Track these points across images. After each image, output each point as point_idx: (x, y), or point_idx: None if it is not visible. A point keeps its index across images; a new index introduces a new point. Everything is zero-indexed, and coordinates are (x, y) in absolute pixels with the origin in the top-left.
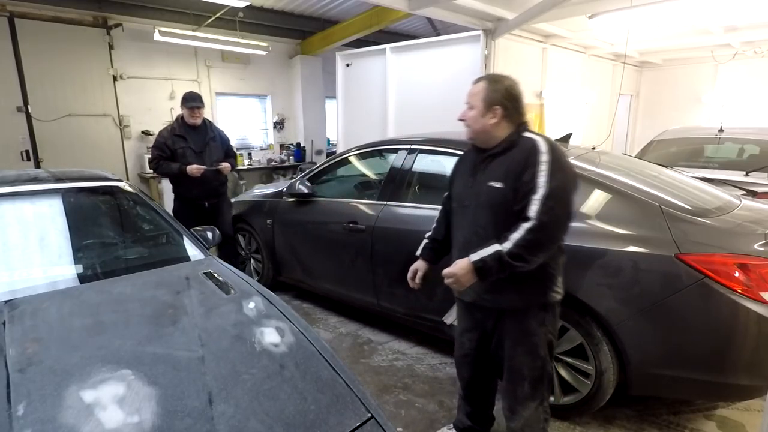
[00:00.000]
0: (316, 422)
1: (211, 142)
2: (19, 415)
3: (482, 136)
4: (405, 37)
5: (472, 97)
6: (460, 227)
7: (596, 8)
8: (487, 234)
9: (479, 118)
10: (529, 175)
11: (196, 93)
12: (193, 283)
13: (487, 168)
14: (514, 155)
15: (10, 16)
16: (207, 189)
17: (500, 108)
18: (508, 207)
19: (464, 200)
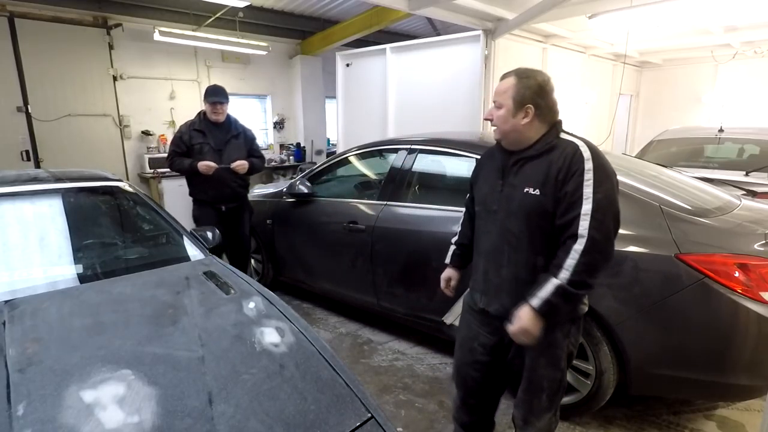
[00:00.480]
0: (316, 422)
1: (233, 139)
2: (19, 415)
3: (512, 136)
4: (405, 37)
5: (501, 94)
6: (486, 233)
7: (596, 8)
8: (520, 243)
9: (509, 118)
10: (573, 185)
11: (220, 87)
12: (193, 283)
13: (519, 172)
14: (553, 160)
15: (10, 16)
16: (223, 191)
17: (533, 107)
18: (545, 216)
19: (491, 205)
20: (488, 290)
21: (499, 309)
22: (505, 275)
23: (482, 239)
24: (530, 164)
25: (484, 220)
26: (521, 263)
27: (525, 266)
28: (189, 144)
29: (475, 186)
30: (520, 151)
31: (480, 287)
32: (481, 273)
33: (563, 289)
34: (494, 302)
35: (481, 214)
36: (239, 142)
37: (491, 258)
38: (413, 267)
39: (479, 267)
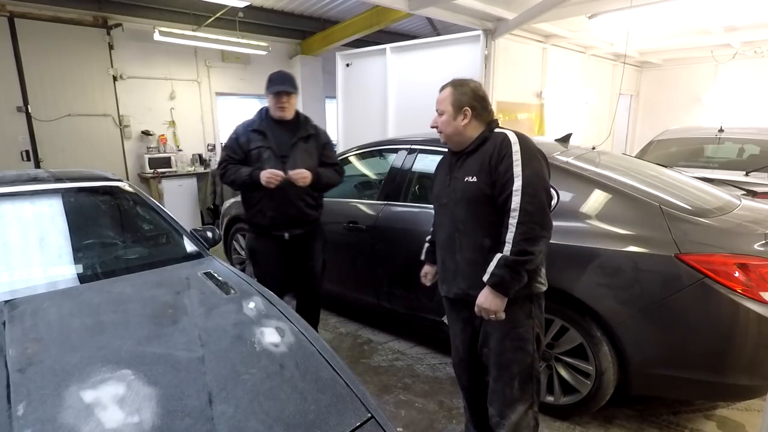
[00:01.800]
0: (316, 422)
1: (301, 143)
2: (19, 415)
3: (456, 138)
4: (405, 37)
5: (441, 103)
6: (441, 225)
7: (596, 8)
8: (467, 228)
9: (451, 122)
10: (504, 166)
11: (287, 73)
12: (193, 283)
13: (462, 165)
14: (486, 150)
15: (10, 16)
16: (286, 212)
17: (469, 109)
18: (484, 200)
19: (442, 198)
20: (447, 278)
21: (458, 293)
22: (459, 260)
23: (438, 232)
24: (470, 158)
25: (439, 214)
26: (470, 246)
27: (474, 249)
28: (246, 149)
29: (433, 187)
30: (463, 150)
31: (441, 277)
32: (440, 263)
33: (505, 260)
34: (453, 287)
35: (436, 210)
36: (309, 146)
37: (446, 246)
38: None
39: (438, 258)
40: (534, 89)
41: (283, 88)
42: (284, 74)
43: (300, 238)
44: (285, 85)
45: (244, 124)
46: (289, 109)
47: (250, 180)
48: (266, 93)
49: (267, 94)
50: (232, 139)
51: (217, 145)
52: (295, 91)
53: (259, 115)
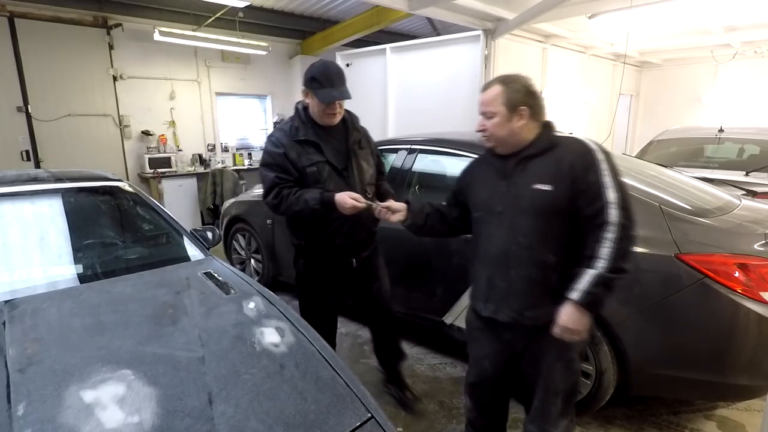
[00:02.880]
0: (316, 422)
1: (357, 149)
2: (19, 415)
3: (510, 141)
4: (405, 37)
5: (489, 104)
6: (488, 237)
7: (596, 8)
8: (529, 242)
9: (505, 124)
10: (593, 176)
11: (336, 69)
12: (193, 283)
13: (525, 171)
14: (561, 156)
15: (10, 16)
16: (358, 237)
17: (526, 108)
18: (556, 211)
19: (495, 206)
20: (494, 296)
21: (509, 314)
22: (513, 277)
23: (484, 244)
24: (534, 162)
25: (487, 224)
26: (530, 262)
27: (535, 265)
28: (301, 166)
29: (470, 192)
30: (518, 152)
31: (483, 295)
32: (484, 281)
33: (603, 278)
34: (503, 307)
35: (482, 219)
36: (365, 153)
37: (497, 261)
38: (413, 267)
39: (480, 275)
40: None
41: (339, 95)
42: (334, 72)
43: (366, 260)
44: (341, 90)
45: (284, 132)
46: (340, 115)
47: (321, 208)
48: (308, 92)
49: (308, 93)
50: (278, 155)
51: (217, 145)
52: (349, 96)
53: (299, 118)
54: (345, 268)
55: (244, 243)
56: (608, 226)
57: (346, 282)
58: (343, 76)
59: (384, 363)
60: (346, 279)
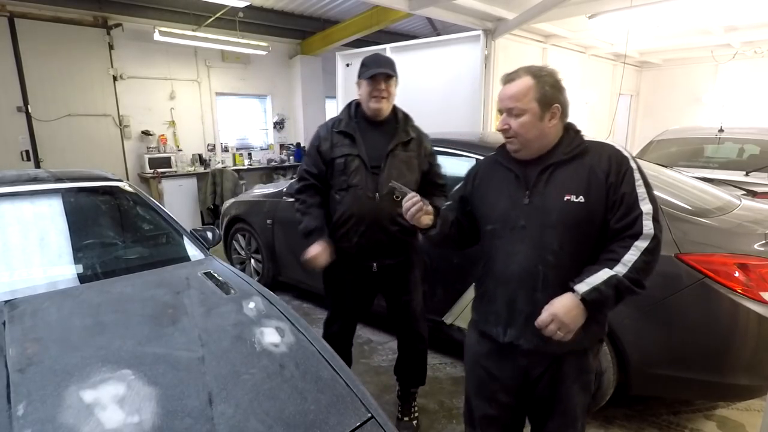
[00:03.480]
0: (316, 422)
1: (399, 150)
2: (19, 415)
3: (537, 144)
4: (405, 37)
5: (519, 98)
6: (508, 254)
7: (596, 8)
8: (560, 260)
9: (536, 124)
10: (628, 186)
11: (384, 56)
12: (193, 283)
13: (551, 179)
14: (593, 163)
15: (10, 16)
16: (376, 238)
17: (558, 105)
18: (590, 224)
19: (517, 220)
20: (516, 321)
21: (534, 340)
22: (541, 300)
23: (502, 262)
24: (562, 170)
25: (506, 240)
26: (561, 283)
27: (565, 286)
28: (329, 157)
29: (480, 202)
30: (541, 158)
31: (502, 320)
32: (503, 303)
33: (618, 281)
34: (527, 333)
35: (498, 234)
36: (410, 156)
37: (521, 283)
38: None
39: (498, 296)
40: None
41: (381, 71)
42: (381, 57)
43: (390, 269)
44: (383, 67)
45: (327, 124)
46: (388, 100)
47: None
48: (360, 80)
49: (360, 82)
50: (312, 146)
51: (217, 145)
52: (395, 75)
53: (348, 112)
54: (365, 272)
55: (244, 243)
56: (641, 236)
57: (366, 286)
58: (391, 63)
59: (399, 379)
60: (367, 283)
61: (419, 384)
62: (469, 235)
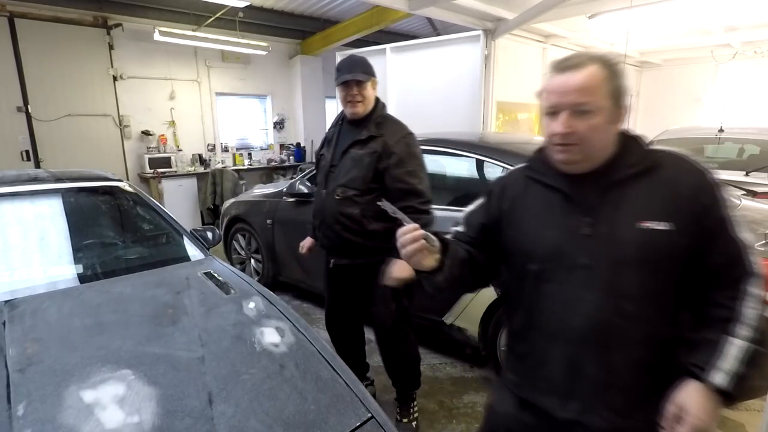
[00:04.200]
0: (316, 422)
1: (355, 148)
2: (19, 415)
3: (600, 154)
4: (405, 37)
5: (590, 92)
6: (569, 303)
7: (596, 8)
8: (643, 309)
9: (606, 128)
10: (722, 209)
11: (357, 57)
12: (193, 283)
13: (621, 201)
14: (672, 180)
15: (10, 16)
16: (326, 234)
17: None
18: (677, 260)
19: (576, 257)
20: (582, 390)
21: (608, 417)
22: (618, 363)
23: (558, 314)
24: (633, 189)
25: (561, 284)
26: (642, 339)
27: (648, 343)
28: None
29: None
30: (599, 173)
31: (560, 389)
32: (560, 367)
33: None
34: (598, 407)
35: (548, 276)
36: (362, 153)
37: (588, 340)
38: None
39: (552, 358)
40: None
41: (350, 77)
42: (353, 59)
43: (350, 270)
44: (354, 72)
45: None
46: (362, 104)
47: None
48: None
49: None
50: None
51: (217, 145)
52: (367, 79)
53: (340, 113)
54: (327, 267)
55: (244, 243)
56: (749, 278)
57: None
58: (362, 65)
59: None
60: (332, 279)
61: (412, 387)
62: (485, 275)
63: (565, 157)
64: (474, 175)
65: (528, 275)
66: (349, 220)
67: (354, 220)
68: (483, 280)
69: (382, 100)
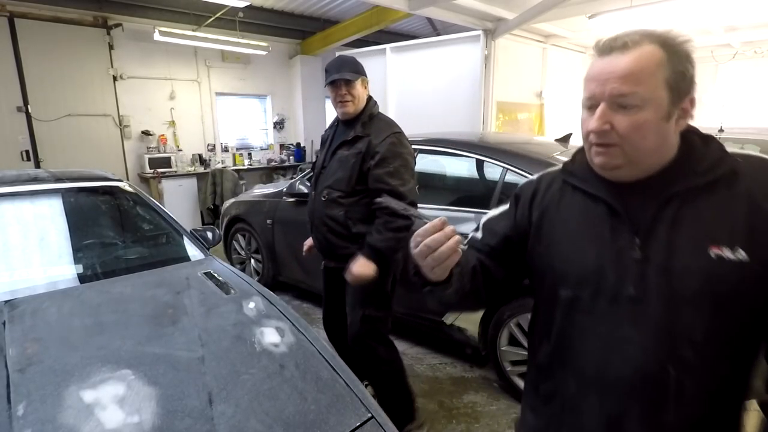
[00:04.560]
0: (316, 422)
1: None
2: (19, 415)
3: (650, 159)
4: (405, 37)
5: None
6: (606, 343)
7: (596, 8)
8: (706, 360)
9: (660, 125)
10: None
11: (346, 57)
12: (193, 283)
13: (683, 219)
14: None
15: (10, 16)
16: (316, 236)
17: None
18: (756, 300)
19: (622, 287)
20: None
21: None
22: (670, 425)
23: (597, 355)
24: (699, 204)
25: (598, 317)
26: (706, 396)
27: (711, 401)
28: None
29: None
30: (654, 181)
31: None
32: (597, 419)
33: None
34: None
35: (584, 306)
36: (348, 153)
37: (633, 392)
38: None
39: (588, 407)
40: (534, 89)
41: (338, 76)
42: (342, 59)
43: (337, 273)
44: (341, 72)
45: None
46: (353, 103)
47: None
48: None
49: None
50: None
51: (217, 145)
52: (356, 78)
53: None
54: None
55: (244, 243)
56: None
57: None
58: (350, 64)
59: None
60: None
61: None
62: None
63: (603, 161)
64: (474, 175)
65: (559, 302)
66: (334, 222)
67: (338, 222)
68: (500, 296)
69: (374, 99)
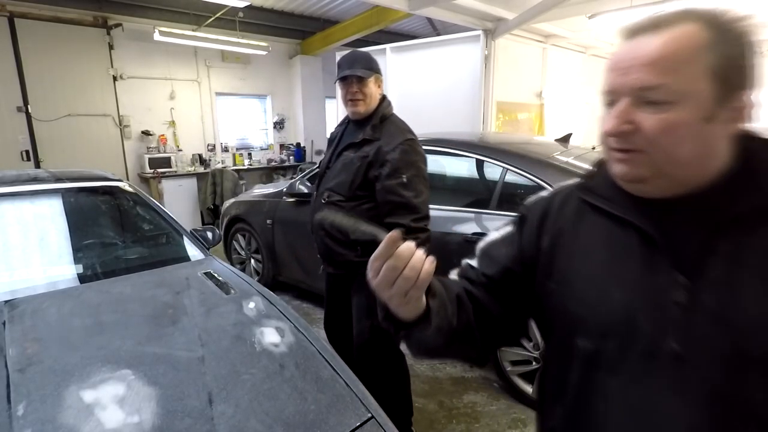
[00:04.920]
0: (316, 422)
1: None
2: (19, 415)
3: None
4: (405, 37)
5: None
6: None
7: (596, 8)
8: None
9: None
10: None
11: (359, 52)
12: (193, 283)
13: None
14: None
15: (10, 16)
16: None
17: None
18: None
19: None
20: None
21: None
22: None
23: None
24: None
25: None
26: None
27: None
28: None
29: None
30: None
31: None
32: None
33: None
34: None
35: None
36: (354, 157)
37: None
38: None
39: None
40: (534, 89)
41: (350, 72)
42: (355, 54)
43: (336, 279)
44: (354, 68)
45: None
46: (364, 102)
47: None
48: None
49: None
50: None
51: (217, 145)
52: (369, 75)
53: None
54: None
55: (244, 243)
56: None
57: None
58: (364, 60)
59: None
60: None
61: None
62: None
63: (623, 170)
64: (474, 175)
65: (577, 354)
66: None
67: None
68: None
69: (388, 99)
